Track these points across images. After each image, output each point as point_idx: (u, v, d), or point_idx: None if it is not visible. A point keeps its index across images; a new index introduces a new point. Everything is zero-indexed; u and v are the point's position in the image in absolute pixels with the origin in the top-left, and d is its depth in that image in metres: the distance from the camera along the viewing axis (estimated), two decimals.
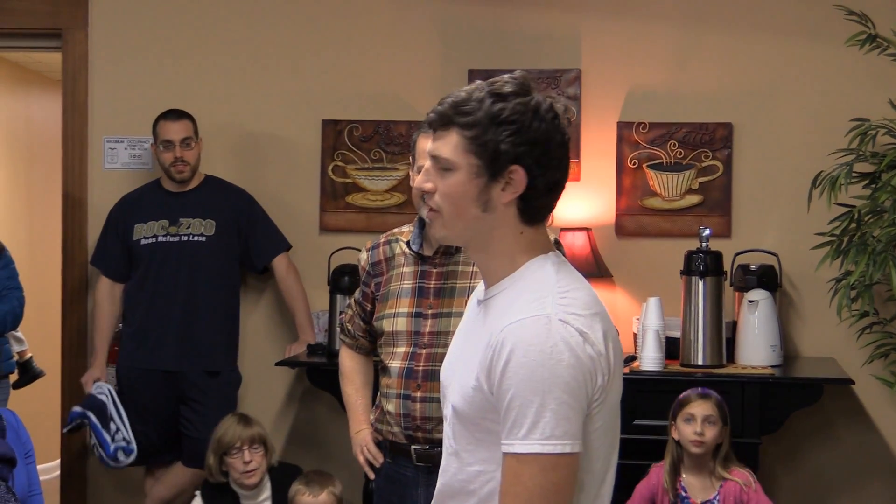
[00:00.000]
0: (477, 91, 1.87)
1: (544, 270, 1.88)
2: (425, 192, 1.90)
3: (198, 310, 4.61)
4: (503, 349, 1.78)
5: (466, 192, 1.86)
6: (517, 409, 1.76)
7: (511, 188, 1.85)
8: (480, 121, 1.84)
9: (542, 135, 1.85)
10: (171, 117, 4.64)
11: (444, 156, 1.87)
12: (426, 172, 1.90)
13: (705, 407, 3.70)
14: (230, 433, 4.07)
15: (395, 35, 4.85)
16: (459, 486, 1.91)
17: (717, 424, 3.70)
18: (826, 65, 4.60)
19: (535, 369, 1.76)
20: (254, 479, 4.05)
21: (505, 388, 1.78)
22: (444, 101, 1.89)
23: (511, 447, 1.78)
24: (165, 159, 4.64)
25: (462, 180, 1.86)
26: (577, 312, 1.82)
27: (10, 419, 3.43)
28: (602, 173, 4.69)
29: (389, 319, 3.05)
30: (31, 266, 5.86)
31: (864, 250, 3.89)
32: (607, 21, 4.74)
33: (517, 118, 1.83)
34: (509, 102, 1.84)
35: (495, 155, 1.84)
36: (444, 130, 1.87)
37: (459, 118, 1.85)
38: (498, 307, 1.88)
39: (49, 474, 5.68)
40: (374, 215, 4.84)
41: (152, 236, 4.64)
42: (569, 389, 1.76)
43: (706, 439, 3.68)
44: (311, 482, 3.97)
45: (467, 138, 1.85)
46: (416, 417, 2.96)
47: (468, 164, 1.85)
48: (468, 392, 1.86)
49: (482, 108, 1.84)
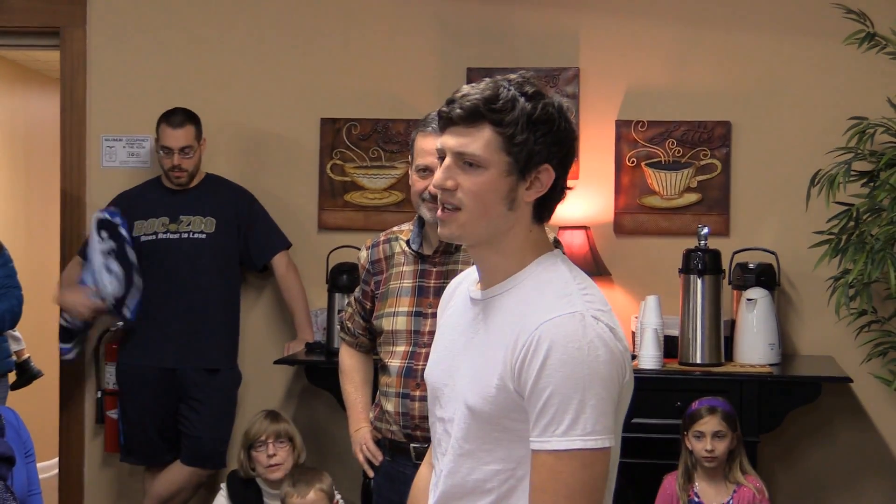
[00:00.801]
0: (503, 89, 1.86)
1: (557, 269, 1.90)
2: (445, 190, 1.88)
3: (198, 308, 4.60)
4: (539, 348, 1.78)
5: (496, 190, 1.86)
6: (556, 406, 1.77)
7: (536, 187, 1.87)
8: (517, 119, 1.84)
9: (568, 135, 1.89)
10: (174, 123, 4.58)
11: (474, 153, 1.85)
12: (448, 169, 1.88)
13: (713, 423, 3.75)
14: (256, 426, 4.14)
15: (394, 34, 4.85)
16: (473, 486, 1.90)
17: (727, 437, 3.76)
18: (824, 63, 4.60)
19: (574, 366, 1.77)
20: (278, 473, 4.07)
21: (542, 385, 1.78)
22: (465, 97, 1.87)
23: (548, 444, 1.78)
24: (164, 163, 4.63)
25: (493, 178, 1.85)
26: (602, 309, 1.84)
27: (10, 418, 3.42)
28: (600, 172, 4.69)
29: (389, 318, 3.05)
30: (29, 264, 5.86)
31: (862, 249, 3.89)
32: (606, 19, 4.74)
33: (548, 118, 1.86)
34: (539, 102, 1.85)
35: (530, 154, 1.85)
36: (474, 127, 1.86)
37: (494, 115, 1.85)
38: (507, 306, 1.88)
39: (47, 473, 5.68)
40: (373, 213, 4.84)
41: (153, 233, 4.63)
42: (605, 385, 1.78)
43: (717, 454, 3.75)
44: (298, 482, 3.98)
45: (503, 136, 1.84)
46: (414, 416, 2.96)
47: (500, 162, 1.85)
48: (489, 392, 1.85)
49: (517, 107, 1.84)
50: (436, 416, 2.01)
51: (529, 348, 1.79)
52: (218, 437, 4.59)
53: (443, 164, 1.89)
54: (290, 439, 4.14)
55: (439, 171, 1.90)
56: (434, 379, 2.02)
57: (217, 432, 4.59)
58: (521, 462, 1.84)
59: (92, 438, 5.02)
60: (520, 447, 1.83)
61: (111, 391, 4.82)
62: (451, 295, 2.10)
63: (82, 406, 5.01)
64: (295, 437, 4.18)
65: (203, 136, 4.67)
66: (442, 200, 1.89)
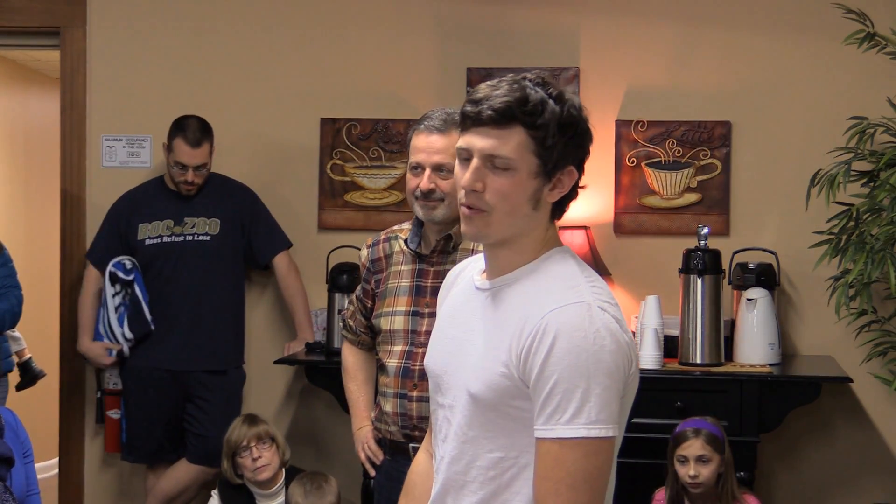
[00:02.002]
0: (530, 91, 1.87)
1: (566, 262, 1.92)
2: (473, 192, 1.88)
3: (203, 309, 4.61)
4: (545, 335, 1.79)
5: (524, 191, 1.88)
6: (561, 394, 1.78)
7: (559, 188, 1.91)
8: (548, 122, 1.86)
9: (588, 136, 1.94)
10: (191, 141, 4.52)
11: (505, 155, 1.86)
12: (476, 171, 1.88)
13: (696, 446, 3.60)
14: (236, 433, 4.14)
15: (394, 33, 4.85)
16: (476, 474, 1.90)
17: (712, 460, 3.61)
18: (824, 63, 4.60)
19: (580, 354, 1.78)
20: (265, 473, 4.08)
21: (548, 373, 1.79)
22: (495, 98, 1.86)
23: (552, 432, 1.78)
24: (175, 176, 4.60)
25: (522, 180, 1.87)
26: (609, 301, 1.86)
27: (8, 418, 3.42)
28: (600, 171, 4.68)
29: (387, 317, 3.05)
30: (29, 264, 5.86)
31: (862, 249, 3.89)
32: (606, 19, 4.74)
33: (573, 121, 1.89)
34: (565, 105, 1.88)
35: (558, 157, 1.88)
36: (505, 129, 1.86)
37: (526, 118, 1.86)
38: (514, 295, 1.89)
39: (47, 473, 5.68)
40: (373, 213, 4.84)
41: (157, 237, 4.63)
42: (611, 374, 1.79)
43: (701, 479, 3.60)
44: (310, 494, 3.98)
45: (535, 139, 1.86)
46: (412, 417, 2.96)
47: (529, 164, 1.87)
48: (494, 379, 1.86)
49: (548, 110, 1.86)
50: (437, 402, 2.02)
51: (536, 336, 1.81)
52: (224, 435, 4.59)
53: (470, 165, 1.89)
54: (272, 439, 4.14)
55: (468, 173, 1.89)
56: (434, 365, 2.02)
57: (223, 431, 4.58)
58: (524, 450, 1.85)
59: (92, 438, 5.02)
60: (523, 435, 1.84)
61: (111, 391, 4.82)
62: (453, 282, 2.11)
63: (82, 406, 5.00)
64: (277, 437, 4.18)
65: (213, 147, 4.65)
66: (468, 203, 1.89)
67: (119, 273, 4.59)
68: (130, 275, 4.59)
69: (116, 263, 4.61)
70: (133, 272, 4.60)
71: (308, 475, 4.09)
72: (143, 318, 4.59)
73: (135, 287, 4.59)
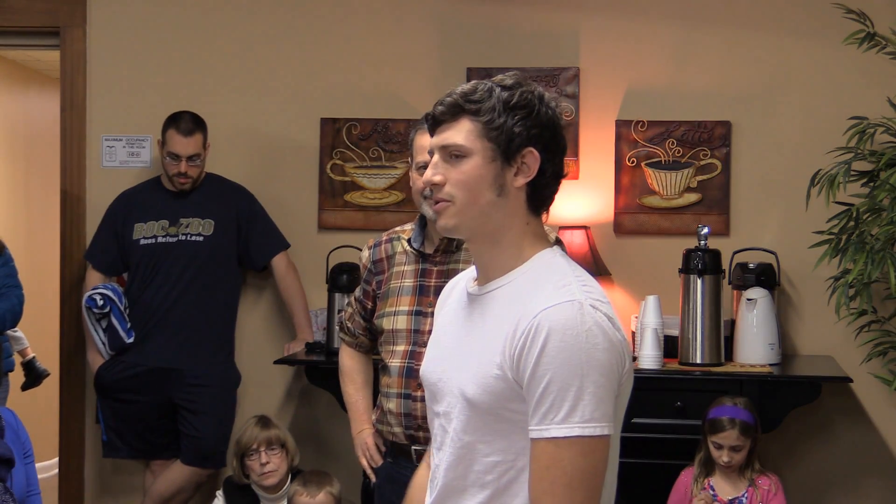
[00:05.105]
0: (481, 84, 1.93)
1: (556, 261, 1.92)
2: (434, 185, 1.92)
3: (196, 309, 4.60)
4: (538, 335, 1.80)
5: (482, 177, 1.90)
6: (555, 394, 1.78)
7: (524, 172, 1.91)
8: (494, 106, 1.90)
9: (549, 120, 1.93)
10: (183, 131, 4.56)
11: (456, 143, 1.91)
12: (434, 165, 1.93)
13: (732, 437, 3.79)
14: (248, 435, 4.13)
15: (394, 33, 4.85)
16: (474, 479, 1.90)
17: (745, 447, 3.80)
18: (824, 63, 4.60)
19: (572, 353, 1.78)
20: (272, 479, 4.08)
21: (541, 373, 1.79)
22: (447, 96, 1.94)
23: (547, 431, 1.79)
24: (169, 169, 4.62)
25: (477, 164, 1.90)
26: (600, 299, 1.86)
27: (9, 419, 3.42)
28: (600, 172, 4.69)
29: (390, 318, 3.05)
30: (29, 264, 5.86)
31: (862, 248, 3.89)
32: (606, 19, 4.74)
33: (526, 103, 1.91)
34: (516, 90, 1.91)
35: (510, 137, 1.90)
36: (454, 120, 1.92)
37: (470, 106, 1.91)
38: (505, 298, 1.90)
39: (47, 473, 5.68)
40: (373, 213, 4.84)
41: (152, 237, 4.63)
42: (604, 372, 1.79)
43: (734, 462, 3.80)
44: (309, 482, 3.98)
45: (482, 123, 1.90)
46: (417, 416, 2.96)
47: (483, 149, 1.90)
48: (488, 382, 1.86)
49: (493, 96, 1.91)
50: (433, 411, 2.02)
51: (528, 336, 1.81)
52: (217, 436, 4.59)
53: (430, 161, 1.95)
54: (282, 445, 4.12)
55: (428, 168, 1.95)
56: (429, 374, 2.03)
57: (216, 432, 4.59)
58: (521, 453, 1.85)
59: (92, 438, 5.02)
60: (519, 438, 1.84)
61: None
62: (449, 294, 2.12)
63: (82, 406, 5.00)
64: (287, 442, 4.16)
65: (208, 143, 4.66)
66: (434, 197, 1.94)
67: (93, 308, 4.59)
68: (105, 308, 4.58)
69: (88, 299, 4.60)
70: (107, 305, 4.57)
71: (309, 471, 4.10)
72: (122, 343, 4.58)
73: (111, 318, 4.58)
